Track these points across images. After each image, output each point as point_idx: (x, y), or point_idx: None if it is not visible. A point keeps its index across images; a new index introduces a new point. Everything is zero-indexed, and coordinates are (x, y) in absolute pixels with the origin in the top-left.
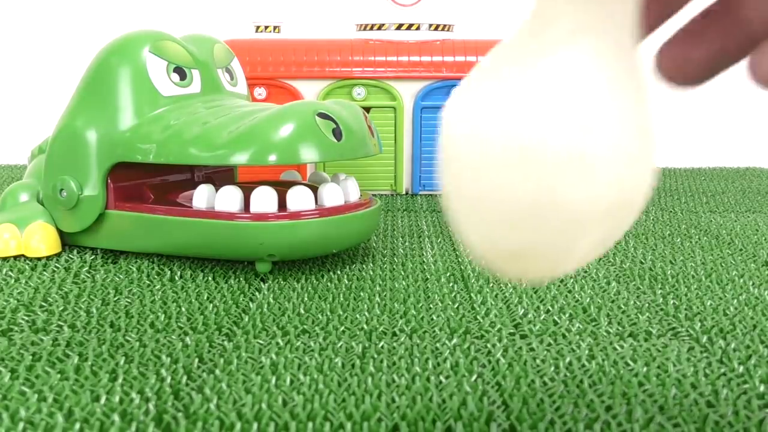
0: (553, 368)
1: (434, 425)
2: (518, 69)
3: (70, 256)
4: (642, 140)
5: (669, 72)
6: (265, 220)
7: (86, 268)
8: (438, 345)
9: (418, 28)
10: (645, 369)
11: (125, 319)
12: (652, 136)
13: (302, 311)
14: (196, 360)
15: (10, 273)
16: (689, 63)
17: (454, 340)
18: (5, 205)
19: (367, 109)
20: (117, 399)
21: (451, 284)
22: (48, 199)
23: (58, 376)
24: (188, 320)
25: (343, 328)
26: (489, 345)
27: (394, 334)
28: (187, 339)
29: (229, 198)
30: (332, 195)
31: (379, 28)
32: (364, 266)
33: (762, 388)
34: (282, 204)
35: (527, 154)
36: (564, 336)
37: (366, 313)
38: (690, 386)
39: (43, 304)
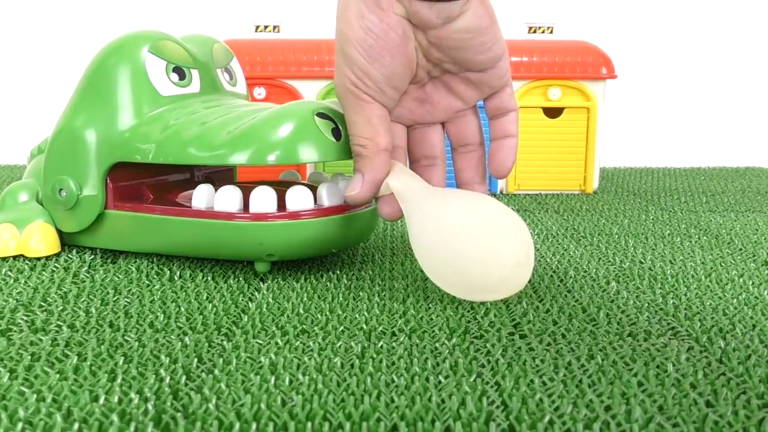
0: (552, 368)
1: (433, 425)
2: (432, 211)
3: (70, 256)
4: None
5: None
6: (265, 220)
7: (85, 268)
8: (437, 345)
9: None
10: (644, 369)
11: (124, 319)
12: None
13: (301, 311)
14: (195, 360)
15: (9, 273)
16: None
17: (454, 340)
18: (5, 205)
19: None
20: (116, 399)
21: None
22: (47, 199)
23: (57, 376)
24: (187, 320)
25: (342, 328)
26: (488, 345)
27: (393, 334)
28: (186, 339)
29: (228, 198)
30: (332, 195)
31: None
32: (363, 266)
33: (761, 388)
34: (281, 204)
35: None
36: (563, 336)
37: (365, 313)
38: (689, 386)
39: (43, 304)
